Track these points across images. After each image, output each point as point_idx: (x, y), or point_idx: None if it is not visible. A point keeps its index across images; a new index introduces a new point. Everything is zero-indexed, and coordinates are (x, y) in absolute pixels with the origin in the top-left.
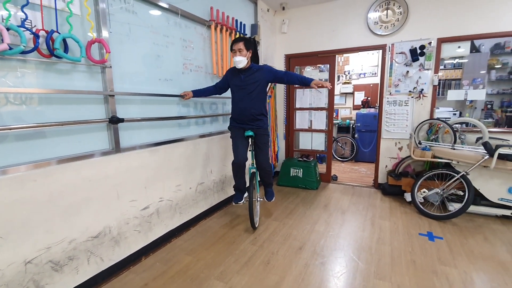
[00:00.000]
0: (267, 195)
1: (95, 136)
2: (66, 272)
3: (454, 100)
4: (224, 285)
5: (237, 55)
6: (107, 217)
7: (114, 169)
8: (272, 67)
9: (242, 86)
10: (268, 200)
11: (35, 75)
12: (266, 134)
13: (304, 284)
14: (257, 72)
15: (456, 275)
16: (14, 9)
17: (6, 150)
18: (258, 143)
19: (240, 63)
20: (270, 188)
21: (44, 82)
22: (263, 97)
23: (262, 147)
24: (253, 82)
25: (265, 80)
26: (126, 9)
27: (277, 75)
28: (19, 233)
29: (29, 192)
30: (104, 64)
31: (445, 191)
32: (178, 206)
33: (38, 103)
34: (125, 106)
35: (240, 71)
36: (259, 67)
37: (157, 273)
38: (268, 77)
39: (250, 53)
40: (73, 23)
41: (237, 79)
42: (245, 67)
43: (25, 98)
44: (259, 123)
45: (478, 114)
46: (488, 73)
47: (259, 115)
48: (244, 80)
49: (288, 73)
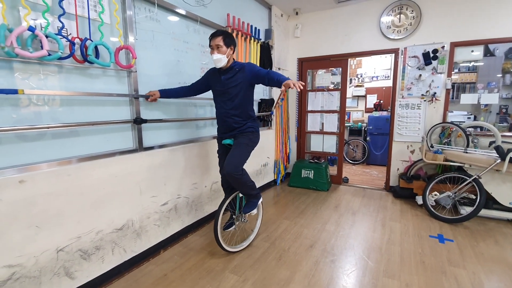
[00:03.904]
0: (245, 205)
1: (121, 135)
2: (93, 261)
3: (470, 104)
4: (238, 278)
5: (214, 52)
6: (130, 211)
7: (138, 167)
8: (255, 66)
9: (222, 90)
10: (243, 212)
11: (69, 79)
12: (247, 137)
13: (314, 279)
14: (239, 73)
15: (465, 276)
16: (51, 18)
17: (44, 147)
18: (234, 143)
19: (219, 62)
20: (250, 200)
21: (77, 85)
22: (249, 100)
23: (236, 146)
24: (234, 85)
25: (247, 82)
26: (150, 17)
27: (259, 75)
28: (53, 223)
29: (63, 185)
30: (130, 69)
31: (457, 194)
32: (194, 203)
33: (72, 105)
34: (147, 108)
35: (220, 72)
36: (241, 66)
37: (175, 265)
38: (250, 77)
39: (231, 50)
40: (104, 31)
41: (218, 81)
42: (225, 66)
43: (60, 100)
44: (241, 129)
45: (493, 118)
46: (503, 77)
47: (244, 123)
48: (224, 82)
49: (270, 73)
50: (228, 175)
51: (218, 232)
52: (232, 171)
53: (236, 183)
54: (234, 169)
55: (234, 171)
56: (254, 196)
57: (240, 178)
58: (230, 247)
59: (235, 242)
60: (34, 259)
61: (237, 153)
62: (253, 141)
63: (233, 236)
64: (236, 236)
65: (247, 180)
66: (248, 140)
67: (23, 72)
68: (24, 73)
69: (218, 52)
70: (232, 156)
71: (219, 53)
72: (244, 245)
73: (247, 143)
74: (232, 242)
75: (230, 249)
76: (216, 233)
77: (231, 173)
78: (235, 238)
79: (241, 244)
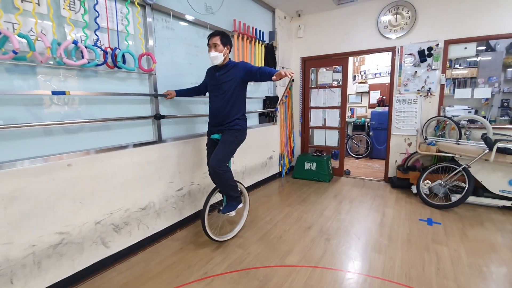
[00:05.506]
0: (224, 206)
1: (143, 129)
2: (123, 234)
3: (472, 99)
4: (243, 252)
5: (212, 50)
6: (151, 194)
7: (157, 156)
8: (247, 63)
9: (217, 85)
10: (222, 212)
11: (102, 82)
12: (234, 135)
13: (310, 252)
14: (232, 70)
15: (446, 252)
16: (89, 32)
17: (83, 138)
18: (221, 140)
19: (215, 59)
20: (230, 201)
21: (108, 87)
22: (240, 98)
23: (222, 143)
24: (227, 81)
25: (240, 78)
26: (166, 26)
27: (251, 71)
28: (91, 200)
29: (98, 170)
30: (151, 72)
31: (448, 182)
32: (206, 190)
33: (104, 103)
34: (164, 105)
35: (216, 69)
36: (234, 64)
37: (190, 241)
38: (243, 74)
39: (227, 49)
40: (129, 40)
41: (213, 77)
42: (221, 64)
43: (95, 99)
44: (229, 124)
45: (495, 112)
46: (504, 71)
47: (233, 119)
48: (218, 78)
49: (261, 68)
50: (212, 169)
51: (206, 224)
52: (216, 166)
53: (218, 179)
54: (218, 164)
55: (218, 166)
56: (234, 198)
57: (223, 174)
58: (217, 237)
59: (222, 233)
60: (78, 228)
61: (222, 149)
62: (239, 139)
63: (221, 228)
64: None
65: (229, 179)
66: (234, 137)
67: (68, 77)
68: (68, 78)
69: (215, 50)
70: (217, 152)
71: (216, 51)
72: (230, 236)
73: (232, 141)
74: (219, 232)
75: (217, 238)
76: (203, 224)
77: (214, 167)
78: (224, 229)
79: (227, 235)
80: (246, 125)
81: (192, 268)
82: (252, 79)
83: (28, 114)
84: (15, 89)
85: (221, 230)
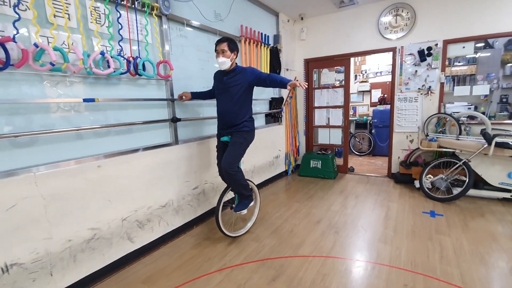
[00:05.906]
0: (237, 205)
1: (162, 131)
2: (146, 230)
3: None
4: (258, 244)
5: (220, 56)
6: (170, 192)
7: (174, 156)
8: (256, 69)
9: (224, 89)
10: (234, 210)
11: (125, 89)
12: (242, 136)
13: (320, 244)
14: (240, 74)
15: (448, 241)
16: (113, 43)
17: (110, 141)
18: (230, 142)
19: (223, 64)
20: (242, 200)
21: (130, 93)
22: (247, 101)
23: (231, 145)
24: (235, 85)
25: (247, 82)
26: (180, 35)
27: (260, 77)
28: (118, 198)
29: (123, 170)
30: (168, 78)
31: (449, 176)
32: (219, 189)
33: (127, 108)
34: (180, 109)
35: (223, 73)
36: (242, 69)
37: (205, 237)
38: (251, 79)
39: (234, 55)
40: (148, 49)
41: (220, 81)
42: (228, 69)
43: (119, 105)
44: (238, 127)
45: (494, 108)
46: (503, 68)
47: (241, 121)
48: (226, 82)
49: (271, 76)
50: (224, 171)
51: (220, 221)
52: (228, 168)
53: (230, 179)
54: (230, 166)
55: (230, 167)
56: (245, 197)
57: (235, 174)
58: (231, 233)
59: (236, 229)
60: (108, 225)
61: (233, 151)
62: (248, 140)
63: (235, 225)
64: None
65: (240, 179)
66: (243, 139)
67: (96, 85)
68: (96, 86)
69: (223, 56)
70: (228, 154)
71: (223, 56)
72: (242, 231)
73: (241, 142)
74: (232, 229)
75: (231, 234)
76: (218, 221)
77: (226, 169)
78: (237, 225)
79: (240, 231)
80: (254, 126)
81: (212, 260)
82: (260, 85)
83: (61, 121)
84: (47, 97)
85: (234, 227)
